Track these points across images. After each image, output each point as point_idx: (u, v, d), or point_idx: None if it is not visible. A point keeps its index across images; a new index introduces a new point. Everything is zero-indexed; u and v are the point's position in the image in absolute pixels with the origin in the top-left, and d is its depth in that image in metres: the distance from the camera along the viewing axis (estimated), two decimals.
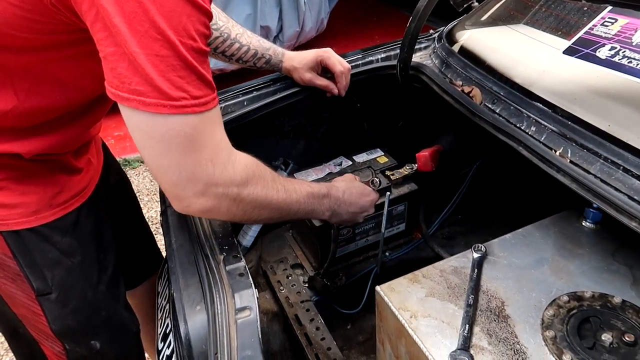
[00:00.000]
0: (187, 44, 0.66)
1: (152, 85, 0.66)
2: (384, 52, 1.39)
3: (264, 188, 0.85)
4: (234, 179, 0.79)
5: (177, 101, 0.68)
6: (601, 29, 1.00)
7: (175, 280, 0.89)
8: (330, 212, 1.03)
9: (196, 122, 0.71)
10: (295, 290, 1.30)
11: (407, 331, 0.82)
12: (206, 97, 0.72)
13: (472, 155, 1.44)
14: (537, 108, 0.98)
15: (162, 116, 0.68)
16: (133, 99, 0.67)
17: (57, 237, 0.98)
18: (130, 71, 0.65)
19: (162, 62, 0.65)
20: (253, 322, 0.78)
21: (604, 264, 0.90)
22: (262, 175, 0.85)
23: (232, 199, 0.80)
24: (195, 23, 0.67)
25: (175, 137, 0.71)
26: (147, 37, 0.64)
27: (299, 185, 0.95)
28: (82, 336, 1.07)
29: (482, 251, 0.93)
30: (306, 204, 0.96)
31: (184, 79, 0.68)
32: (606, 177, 0.81)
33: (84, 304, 1.04)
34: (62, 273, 1.00)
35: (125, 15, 0.63)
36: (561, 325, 0.79)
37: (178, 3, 0.65)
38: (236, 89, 1.25)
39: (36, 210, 0.94)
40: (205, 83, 0.71)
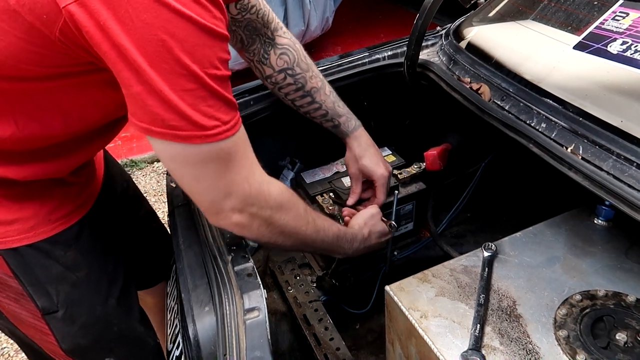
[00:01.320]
0: (211, 74, 0.68)
1: (186, 119, 0.68)
2: (390, 50, 1.38)
3: (295, 218, 0.89)
4: (269, 201, 0.83)
5: (210, 130, 0.70)
6: (612, 23, 0.98)
7: (183, 281, 0.89)
8: (344, 254, 1.08)
9: (229, 145, 0.74)
10: (304, 290, 1.30)
11: (417, 331, 0.81)
12: (234, 120, 0.74)
13: (481, 153, 1.43)
14: (547, 104, 0.97)
15: (197, 146, 0.71)
16: (169, 134, 0.69)
17: (59, 251, 0.95)
18: (163, 108, 0.67)
19: (191, 96, 0.67)
20: (262, 323, 0.77)
21: (617, 262, 0.89)
22: (295, 205, 0.89)
23: (263, 219, 0.84)
24: (216, 51, 0.68)
25: (211, 163, 0.74)
26: (173, 74, 0.65)
27: (328, 225, 0.98)
28: (94, 354, 1.04)
29: (493, 250, 0.92)
30: (331, 245, 1.00)
31: (213, 107, 0.70)
32: (619, 173, 0.80)
33: (94, 320, 1.01)
34: (68, 289, 0.96)
35: (149, 55, 0.63)
36: (574, 325, 0.78)
37: (199, 36, 0.65)
38: (243, 89, 1.25)
39: (34, 225, 0.91)
40: (231, 106, 0.74)
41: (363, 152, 1.18)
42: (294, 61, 1.12)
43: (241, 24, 1.07)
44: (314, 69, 1.15)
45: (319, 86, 1.15)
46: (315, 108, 1.17)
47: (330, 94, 1.17)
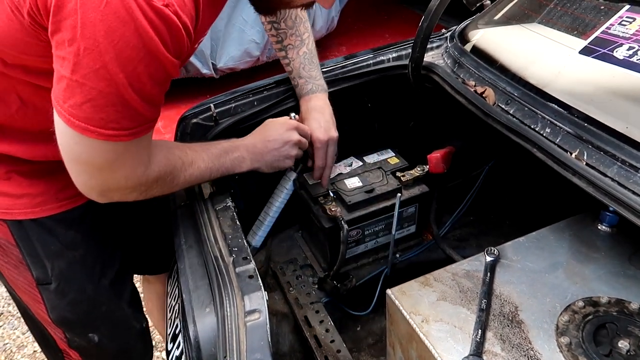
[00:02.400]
0: (135, 86, 0.70)
1: (85, 112, 0.70)
2: (395, 52, 1.38)
3: (172, 175, 0.89)
4: (145, 182, 0.84)
5: (106, 130, 0.72)
6: (619, 28, 0.97)
7: (184, 282, 0.89)
8: (248, 162, 1.03)
9: (122, 147, 0.76)
10: (305, 292, 1.29)
11: (418, 336, 0.80)
12: (139, 127, 0.75)
13: (484, 156, 1.43)
14: (552, 109, 0.96)
15: (87, 139, 0.72)
16: (64, 116, 0.71)
17: (60, 229, 1.00)
18: (68, 93, 0.69)
19: (103, 98, 0.69)
20: (263, 325, 0.77)
21: (621, 269, 0.88)
22: (173, 166, 0.89)
23: (139, 192, 0.86)
24: (151, 70, 0.70)
25: (95, 159, 0.76)
26: (95, 74, 0.67)
27: (205, 153, 0.96)
28: (79, 328, 1.09)
29: (495, 254, 0.92)
30: (217, 166, 0.98)
31: (120, 113, 0.72)
32: (624, 180, 0.79)
33: (83, 297, 1.05)
34: (63, 265, 1.01)
35: (80, 49, 0.65)
36: (576, 332, 0.78)
37: (138, 52, 0.67)
38: (246, 89, 1.24)
39: (41, 202, 0.96)
40: (144, 117, 0.75)
41: (307, 113, 1.17)
42: (282, 17, 1.15)
43: None
44: (298, 28, 1.18)
45: (295, 44, 1.18)
46: (285, 63, 1.20)
47: (304, 55, 1.18)
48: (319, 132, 1.14)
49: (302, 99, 1.20)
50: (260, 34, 3.37)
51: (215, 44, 3.28)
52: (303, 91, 1.20)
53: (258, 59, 3.50)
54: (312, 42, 1.20)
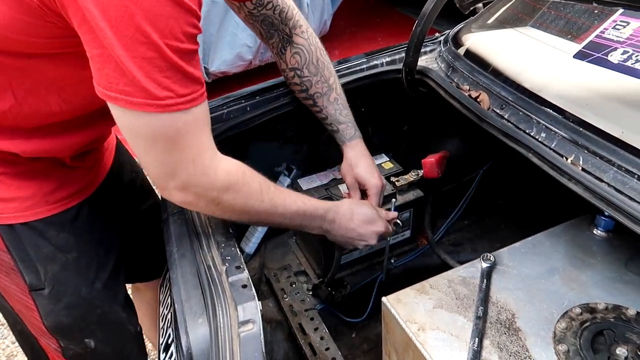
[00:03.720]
0: (172, 46, 0.68)
1: (139, 86, 0.68)
2: (389, 56, 1.37)
3: (246, 197, 0.87)
4: (215, 183, 0.82)
5: (163, 100, 0.70)
6: (613, 32, 0.97)
7: (176, 292, 0.87)
8: (323, 231, 1.04)
9: (182, 120, 0.74)
10: (299, 299, 1.28)
11: (414, 344, 0.79)
12: (193, 94, 0.74)
13: (479, 160, 1.42)
14: (547, 114, 0.96)
15: (149, 115, 0.71)
16: (121, 99, 0.69)
17: (52, 232, 0.98)
18: (118, 73, 0.67)
19: (149, 64, 0.67)
20: (257, 336, 0.75)
21: (617, 274, 0.87)
22: (247, 184, 0.87)
23: (210, 200, 0.84)
24: (182, 25, 0.68)
25: (160, 136, 0.74)
26: (133, 40, 0.65)
27: (290, 200, 0.95)
28: (76, 333, 1.06)
29: (491, 261, 0.91)
30: (293, 220, 0.97)
31: (170, 79, 0.70)
32: (620, 185, 0.79)
33: (78, 301, 1.03)
34: (56, 268, 0.99)
35: (111, 20, 0.64)
36: (574, 339, 0.77)
37: (164, 7, 0.66)
38: (239, 95, 1.23)
39: (31, 205, 0.95)
40: (192, 80, 0.73)
41: (358, 161, 1.17)
42: (304, 63, 1.14)
43: (258, 19, 1.09)
44: (323, 73, 1.16)
45: (322, 92, 1.17)
46: (316, 111, 1.20)
47: (335, 101, 1.18)
48: (374, 179, 1.16)
49: (347, 145, 1.19)
50: (253, 37, 3.36)
51: (208, 47, 3.27)
52: (347, 137, 1.19)
53: (250, 62, 3.49)
54: (339, 86, 1.19)
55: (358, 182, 1.17)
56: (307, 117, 1.27)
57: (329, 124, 1.19)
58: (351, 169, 1.17)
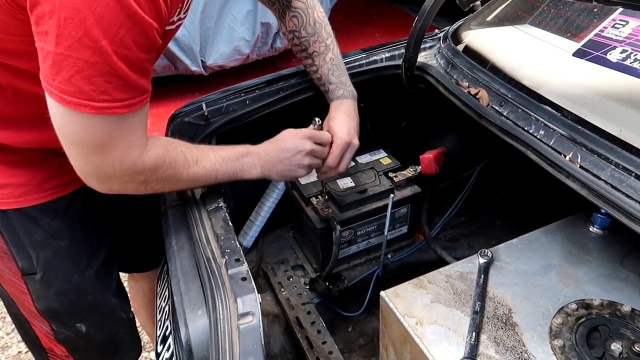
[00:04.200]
0: (120, 53, 0.69)
1: (75, 86, 0.69)
2: (388, 52, 1.37)
3: (174, 169, 0.88)
4: (141, 171, 0.83)
5: (98, 102, 0.71)
6: (612, 31, 0.98)
7: (176, 284, 0.87)
8: (259, 169, 1.00)
9: (115, 123, 0.75)
10: (297, 292, 1.29)
11: (412, 338, 0.80)
12: (131, 100, 0.75)
13: (476, 157, 1.43)
14: (545, 111, 0.97)
15: (81, 114, 0.72)
16: (55, 94, 0.70)
17: (45, 219, 1.00)
18: (55, 69, 0.69)
19: (91, 68, 0.69)
20: (256, 328, 0.76)
21: (612, 271, 0.88)
22: (174, 159, 0.88)
23: (139, 183, 0.85)
24: (133, 35, 0.70)
25: (90, 136, 0.75)
26: (79, 43, 0.67)
27: (213, 154, 0.95)
28: (67, 318, 1.08)
29: (489, 256, 0.91)
30: (225, 168, 0.96)
31: (110, 84, 0.71)
32: (617, 183, 0.79)
33: (69, 287, 1.05)
34: (48, 254, 1.01)
35: (61, 20, 0.66)
36: (569, 334, 0.78)
37: (118, 15, 0.67)
38: (238, 88, 1.23)
39: (25, 192, 0.96)
40: (133, 87, 0.74)
41: (335, 115, 1.16)
42: (302, 25, 1.16)
43: None
44: (320, 33, 1.18)
45: (320, 51, 1.19)
46: (313, 70, 1.21)
47: (330, 61, 1.19)
48: (342, 133, 1.11)
49: (333, 103, 1.19)
50: (251, 31, 3.35)
51: (205, 41, 3.25)
52: (334, 96, 1.19)
53: (248, 56, 3.48)
54: (336, 46, 1.20)
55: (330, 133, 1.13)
56: (306, 112, 1.27)
57: (322, 84, 1.21)
58: (327, 122, 1.16)
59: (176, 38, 3.10)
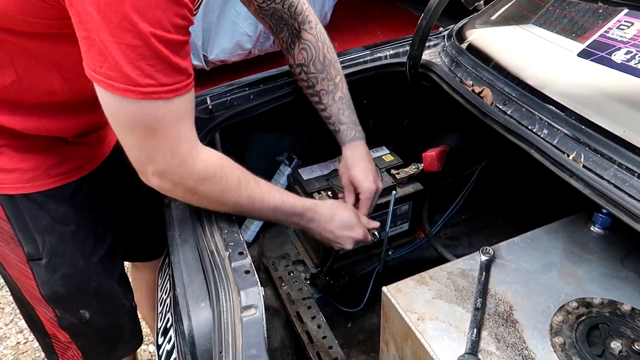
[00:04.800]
0: (159, 36, 0.69)
1: (121, 72, 0.70)
2: (392, 49, 1.37)
3: (222, 190, 0.89)
4: (191, 174, 0.83)
5: (144, 87, 0.71)
6: (617, 32, 0.98)
7: (178, 276, 0.88)
8: (300, 228, 1.05)
9: (162, 109, 0.75)
10: (297, 287, 1.29)
11: (414, 333, 0.81)
12: (177, 84, 0.75)
13: (478, 156, 1.43)
14: (549, 110, 0.97)
15: (129, 100, 0.72)
16: (104, 82, 0.71)
17: (52, 205, 1.00)
18: (102, 57, 0.69)
19: (133, 52, 0.69)
20: (259, 321, 0.76)
21: (613, 270, 0.89)
22: (225, 177, 0.88)
23: (187, 189, 0.86)
24: (170, 16, 0.70)
25: (139, 122, 0.76)
26: (119, 28, 0.67)
27: (269, 197, 0.95)
28: (71, 304, 1.08)
29: (490, 254, 0.92)
30: (270, 215, 0.98)
31: (154, 67, 0.71)
32: (620, 183, 0.80)
33: (74, 273, 1.05)
34: (54, 240, 1.01)
35: (100, 5, 0.66)
36: (570, 332, 0.79)
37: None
38: (243, 82, 1.23)
39: (32, 177, 0.96)
40: (177, 70, 0.74)
41: (354, 163, 1.17)
42: (311, 59, 1.15)
43: (267, 13, 1.10)
44: (329, 71, 1.16)
45: (328, 90, 1.17)
46: (320, 109, 1.20)
47: (339, 100, 1.18)
48: (368, 182, 1.14)
49: (346, 146, 1.19)
50: (253, 26, 3.34)
51: (207, 35, 3.25)
52: (346, 138, 1.19)
53: (250, 52, 3.48)
54: (345, 85, 1.19)
55: (352, 183, 1.17)
56: (309, 108, 1.28)
57: (332, 124, 1.20)
58: (347, 170, 1.17)
59: None
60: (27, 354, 1.99)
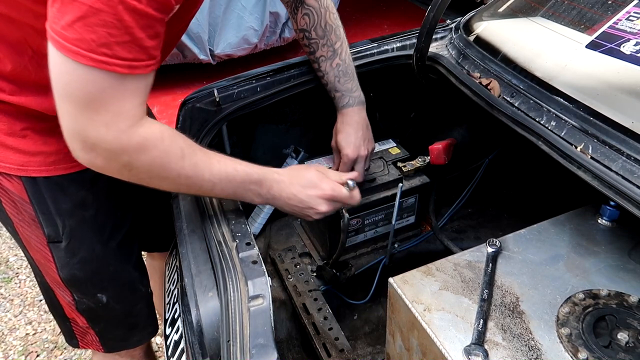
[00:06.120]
0: (128, 4, 0.65)
1: (76, 33, 0.65)
2: (399, 42, 1.37)
3: (163, 163, 0.81)
4: (127, 148, 0.77)
5: (97, 55, 0.67)
6: (626, 23, 0.97)
7: (186, 266, 0.88)
8: (262, 200, 0.96)
9: (110, 83, 0.70)
10: (304, 279, 1.30)
11: (420, 324, 0.81)
12: (134, 62, 0.70)
13: (484, 149, 1.43)
14: (557, 102, 0.97)
15: (77, 64, 0.68)
16: (54, 39, 0.67)
17: (73, 189, 1.00)
18: (60, 14, 0.65)
19: (95, 15, 0.64)
20: (266, 311, 0.77)
21: (620, 263, 0.89)
22: (165, 150, 0.81)
23: (122, 165, 0.79)
24: None
25: (81, 91, 0.70)
26: None
27: (219, 166, 0.88)
28: (88, 287, 1.09)
29: (497, 246, 0.92)
30: (224, 187, 0.89)
31: (114, 38, 0.66)
32: (629, 174, 0.79)
33: (92, 256, 1.06)
34: (74, 224, 1.02)
35: None
36: (577, 323, 0.79)
37: None
38: (250, 75, 1.23)
39: (55, 160, 0.97)
40: (139, 47, 0.69)
41: (341, 128, 1.18)
42: (312, 25, 1.15)
43: None
44: (330, 37, 1.16)
45: (327, 56, 1.17)
46: (320, 76, 1.21)
47: (337, 67, 1.18)
48: (348, 148, 1.16)
49: (339, 112, 1.20)
50: (259, 21, 3.34)
51: (213, 29, 3.25)
52: (339, 105, 1.20)
53: (256, 46, 3.48)
54: (345, 51, 1.18)
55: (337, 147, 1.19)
56: (315, 100, 1.28)
57: (329, 91, 1.21)
58: (335, 135, 1.19)
59: None
60: (36, 345, 2.01)
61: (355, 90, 1.20)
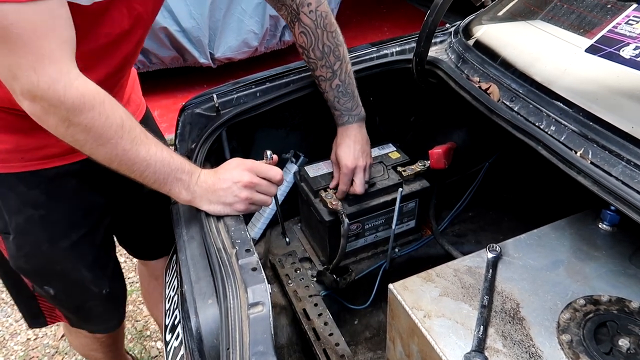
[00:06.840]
0: None
1: None
2: (399, 46, 1.37)
3: (103, 126, 0.79)
4: (63, 101, 0.75)
5: None
6: (625, 27, 0.97)
7: (186, 273, 0.88)
8: (189, 195, 0.92)
9: (11, 16, 0.68)
10: (304, 285, 1.29)
11: (420, 330, 0.81)
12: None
13: (484, 153, 1.43)
14: (557, 107, 0.96)
15: None
16: None
17: (22, 188, 1.02)
18: None
19: None
20: (266, 318, 0.77)
21: (621, 268, 0.89)
22: (106, 114, 0.79)
23: (60, 118, 0.77)
24: None
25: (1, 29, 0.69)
26: None
27: (155, 148, 0.86)
28: (36, 279, 1.15)
29: (497, 251, 0.92)
30: (157, 169, 0.87)
31: None
32: (629, 180, 0.79)
33: (37, 253, 1.09)
34: (20, 220, 1.05)
35: None
36: (577, 329, 0.78)
37: None
38: (249, 80, 1.23)
39: (5, 159, 0.98)
40: None
41: (341, 141, 1.22)
42: (310, 46, 1.15)
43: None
44: (328, 58, 1.16)
45: (326, 77, 1.18)
46: (320, 91, 1.22)
47: (336, 88, 1.18)
48: (347, 159, 1.19)
49: (338, 129, 1.23)
50: (259, 24, 3.34)
51: (214, 33, 3.25)
52: (339, 122, 1.22)
53: (256, 49, 3.48)
54: (344, 70, 1.18)
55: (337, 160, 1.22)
56: (315, 105, 1.28)
57: (329, 107, 1.23)
58: (334, 149, 1.23)
59: (185, 30, 3.10)
60: (37, 350, 2.01)
61: (354, 109, 1.21)
